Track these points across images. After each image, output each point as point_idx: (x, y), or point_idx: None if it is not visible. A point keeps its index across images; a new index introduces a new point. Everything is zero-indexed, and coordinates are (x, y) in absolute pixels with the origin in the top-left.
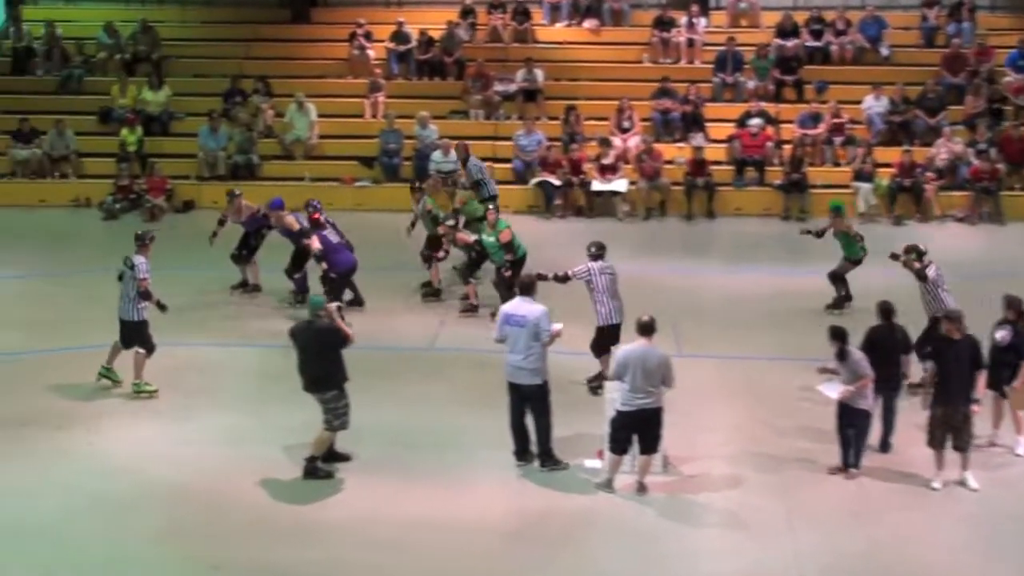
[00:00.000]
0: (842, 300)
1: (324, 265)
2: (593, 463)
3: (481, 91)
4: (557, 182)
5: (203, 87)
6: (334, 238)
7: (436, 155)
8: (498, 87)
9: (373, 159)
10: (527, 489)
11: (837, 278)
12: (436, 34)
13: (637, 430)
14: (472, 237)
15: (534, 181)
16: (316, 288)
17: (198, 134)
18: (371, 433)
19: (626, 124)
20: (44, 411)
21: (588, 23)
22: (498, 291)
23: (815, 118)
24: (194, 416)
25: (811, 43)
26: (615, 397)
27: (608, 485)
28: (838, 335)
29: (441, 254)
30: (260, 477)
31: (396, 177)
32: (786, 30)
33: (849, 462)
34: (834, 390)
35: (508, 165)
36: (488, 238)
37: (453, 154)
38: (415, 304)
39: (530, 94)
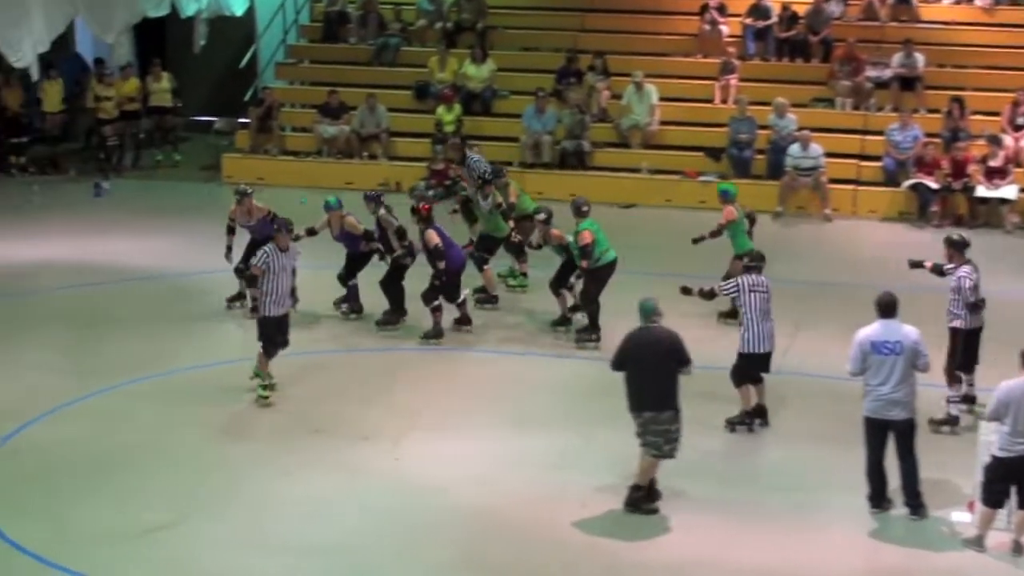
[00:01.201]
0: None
1: (441, 264)
2: (961, 516)
3: (850, 76)
4: (935, 185)
5: (531, 62)
6: (447, 233)
7: (794, 148)
8: (870, 72)
9: (721, 151)
10: (882, 540)
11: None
12: (801, 9)
13: (1017, 480)
14: (569, 236)
15: (907, 183)
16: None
17: (522, 115)
18: (702, 465)
19: (1021, 120)
20: (352, 419)
21: (980, 1)
22: (583, 307)
23: None
24: (512, 434)
25: None
26: (992, 440)
27: (978, 542)
28: None
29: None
30: (577, 507)
31: (747, 172)
32: None
33: None
34: None
35: (878, 163)
36: (568, 238)
37: (814, 148)
38: None
39: (908, 82)
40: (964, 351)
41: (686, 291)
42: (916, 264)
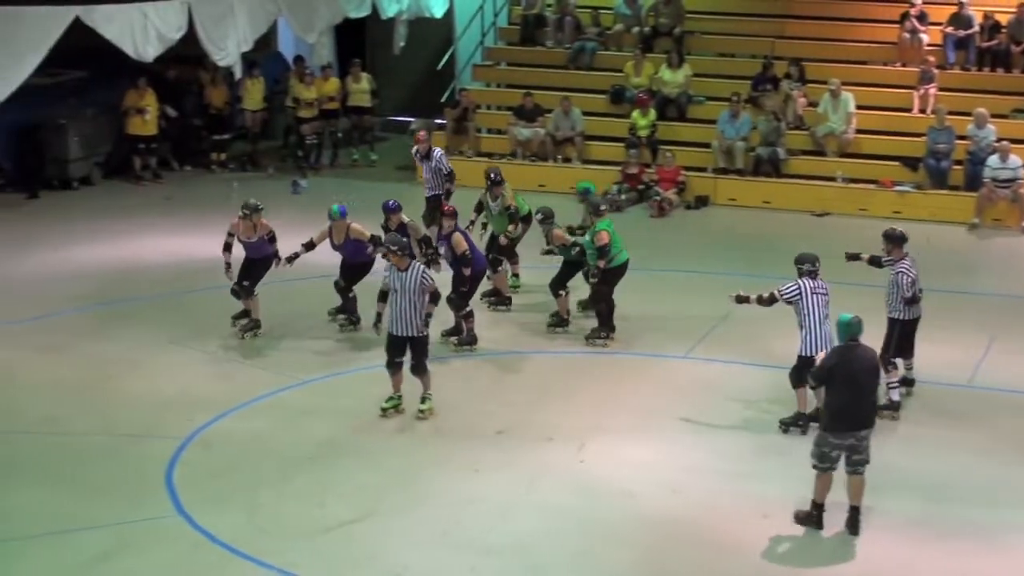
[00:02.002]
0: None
1: (467, 270)
2: None
3: None
4: None
5: (728, 68)
6: (470, 236)
7: (993, 160)
8: None
9: (918, 160)
10: None
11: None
12: (1004, 18)
13: None
14: (571, 237)
15: None
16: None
17: (717, 121)
18: (883, 480)
19: None
20: (534, 420)
21: None
22: (592, 307)
23: None
24: (694, 439)
25: None
26: None
27: None
28: None
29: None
30: (758, 519)
31: (943, 183)
32: None
33: None
34: None
35: None
36: (584, 238)
37: (1013, 159)
38: (950, 330)
39: None
40: (900, 340)
41: (742, 299)
42: (853, 256)
